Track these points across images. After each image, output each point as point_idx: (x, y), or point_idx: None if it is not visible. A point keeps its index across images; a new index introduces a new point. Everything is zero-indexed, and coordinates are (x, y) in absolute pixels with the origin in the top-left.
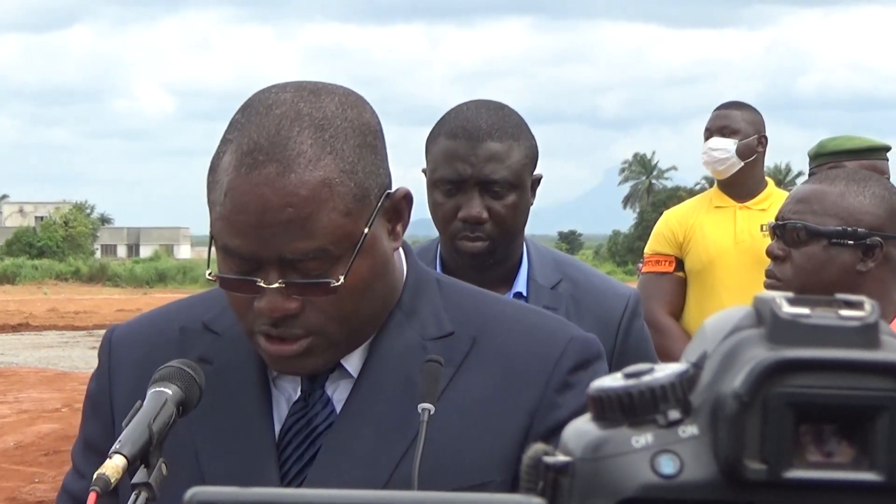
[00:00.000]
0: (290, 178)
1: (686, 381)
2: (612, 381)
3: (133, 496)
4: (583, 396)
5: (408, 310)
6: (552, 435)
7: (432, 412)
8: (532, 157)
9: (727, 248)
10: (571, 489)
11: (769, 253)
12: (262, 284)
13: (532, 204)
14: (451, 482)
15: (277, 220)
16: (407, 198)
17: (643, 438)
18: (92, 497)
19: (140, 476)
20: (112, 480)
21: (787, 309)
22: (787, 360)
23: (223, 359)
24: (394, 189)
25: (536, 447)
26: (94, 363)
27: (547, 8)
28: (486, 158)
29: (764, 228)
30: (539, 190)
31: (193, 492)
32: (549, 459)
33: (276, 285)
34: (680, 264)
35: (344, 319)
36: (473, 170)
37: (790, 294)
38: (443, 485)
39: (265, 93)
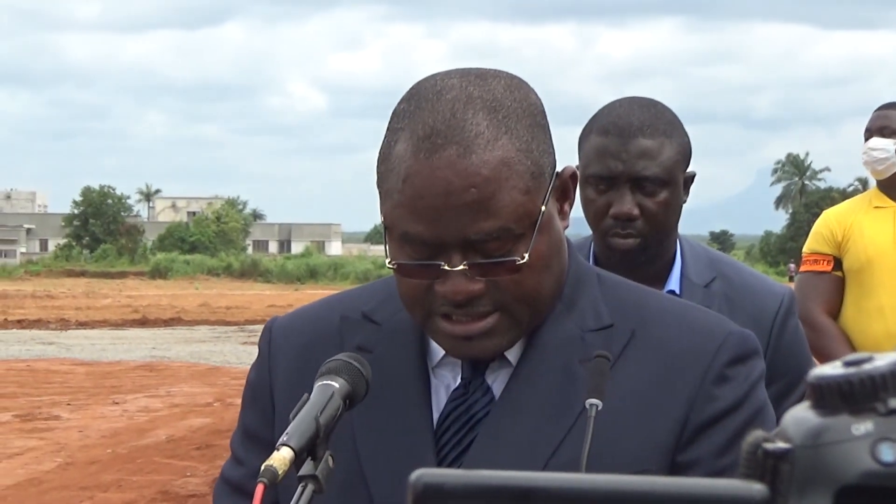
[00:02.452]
0: (471, 159)
1: None
2: (832, 369)
3: (300, 488)
4: (739, 390)
5: (568, 301)
6: (708, 426)
7: (600, 407)
8: (685, 154)
9: (886, 249)
10: (791, 476)
11: None
12: (446, 268)
13: (685, 202)
14: (608, 471)
15: (461, 202)
16: (574, 176)
17: (863, 426)
18: (259, 489)
19: (307, 468)
20: (280, 472)
21: None
22: None
23: (382, 348)
24: (560, 168)
25: (756, 434)
26: (246, 358)
27: (698, 8)
28: (637, 155)
29: None
30: (691, 189)
31: (419, 473)
32: (769, 446)
33: (460, 268)
34: (838, 264)
35: (527, 298)
36: (625, 166)
37: None
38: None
39: (430, 80)
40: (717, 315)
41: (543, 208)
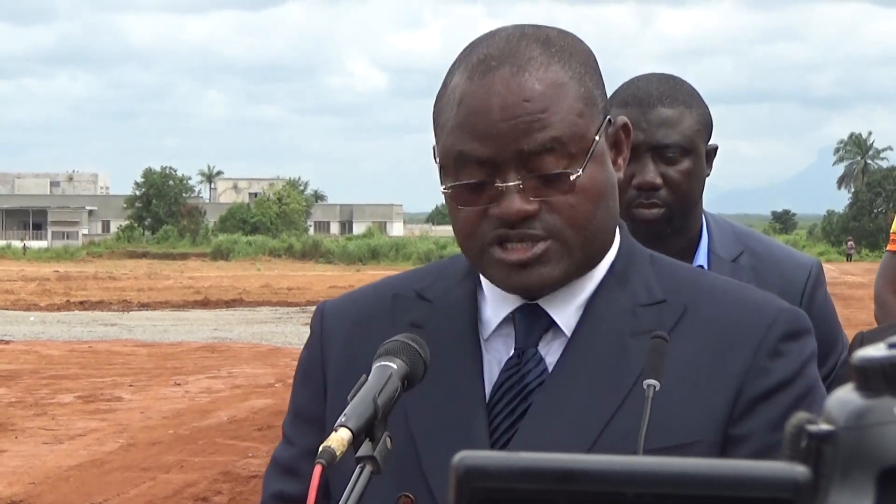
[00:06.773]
0: (524, 76)
1: None
2: (876, 350)
3: (358, 469)
4: (792, 365)
5: (620, 276)
6: (761, 400)
7: (657, 388)
8: (705, 125)
9: None
10: (834, 458)
11: None
12: (500, 185)
13: (708, 175)
14: (660, 441)
15: (515, 115)
16: (626, 128)
17: None
18: (317, 470)
19: (365, 449)
20: (338, 453)
21: None
22: None
23: (435, 323)
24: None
25: (799, 416)
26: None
27: None
28: (657, 124)
29: None
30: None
31: (461, 456)
32: (812, 428)
33: (514, 183)
34: None
35: (580, 224)
36: (645, 135)
37: None
38: (651, 443)
39: (486, 32)
40: (769, 293)
41: (597, 139)
